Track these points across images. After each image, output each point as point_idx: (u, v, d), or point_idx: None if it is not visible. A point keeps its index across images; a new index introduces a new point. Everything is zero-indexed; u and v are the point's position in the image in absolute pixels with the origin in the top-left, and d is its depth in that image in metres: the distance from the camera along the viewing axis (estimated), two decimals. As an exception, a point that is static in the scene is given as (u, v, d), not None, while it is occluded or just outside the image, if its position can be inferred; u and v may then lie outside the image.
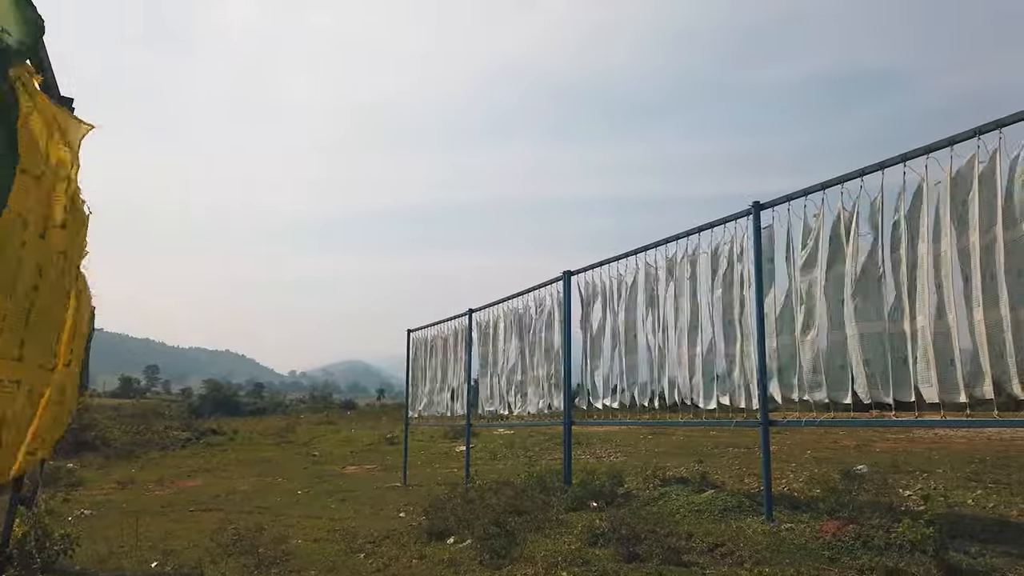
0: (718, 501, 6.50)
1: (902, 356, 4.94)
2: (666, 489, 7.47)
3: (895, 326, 5.02)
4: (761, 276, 6.18)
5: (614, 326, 8.23)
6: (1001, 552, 4.49)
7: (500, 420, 11.43)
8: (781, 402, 6.14)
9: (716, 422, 7.58)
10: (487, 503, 6.97)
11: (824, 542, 4.94)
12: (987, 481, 7.61)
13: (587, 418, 9.23)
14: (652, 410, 7.64)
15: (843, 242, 5.51)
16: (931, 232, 4.81)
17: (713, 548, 5.18)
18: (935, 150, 4.79)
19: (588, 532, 5.69)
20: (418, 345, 13.95)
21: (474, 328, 11.58)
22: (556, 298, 9.34)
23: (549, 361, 9.42)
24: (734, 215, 6.56)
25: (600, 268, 8.51)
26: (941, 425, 4.93)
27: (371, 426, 28.31)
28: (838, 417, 5.73)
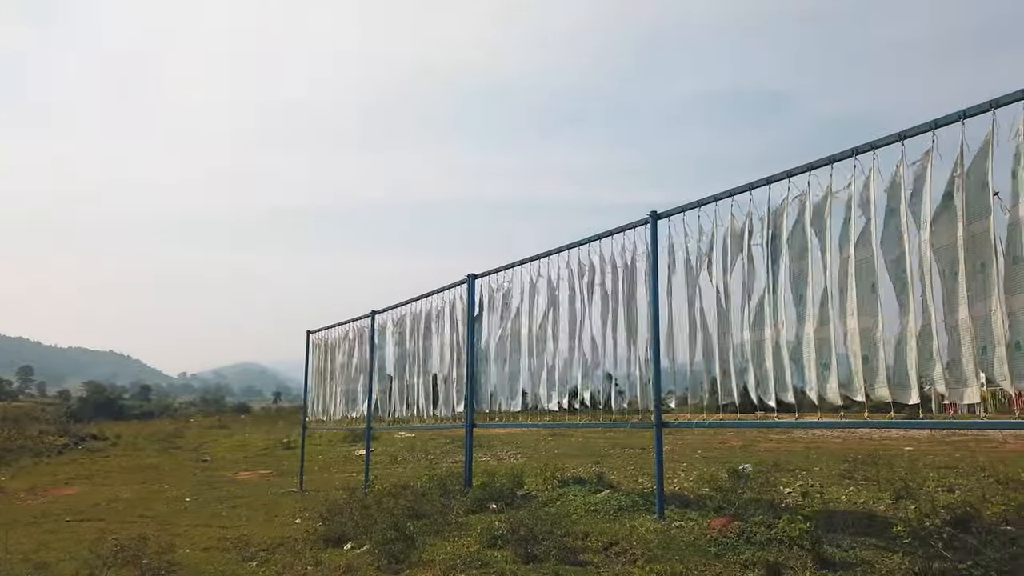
0: (613, 501, 6.70)
1: (793, 360, 5.23)
2: (564, 490, 7.62)
3: (787, 333, 5.31)
4: (657, 283, 6.41)
5: (516, 329, 8.33)
6: (870, 545, 4.82)
7: (402, 423, 11.33)
8: (675, 404, 6.39)
9: (613, 424, 7.80)
10: (386, 508, 6.91)
11: (711, 538, 5.18)
12: (858, 478, 8.15)
13: (489, 421, 9.29)
14: (552, 412, 7.78)
15: (736, 252, 5.80)
16: (813, 245, 5.14)
17: (608, 547, 5.33)
18: (817, 167, 5.12)
19: (487, 534, 5.74)
20: (318, 347, 13.66)
21: (377, 330, 11.44)
22: (461, 301, 9.36)
23: (452, 363, 9.43)
24: (633, 223, 6.77)
25: (505, 271, 8.59)
26: (818, 426, 5.29)
27: (266, 430, 27.47)
28: (726, 418, 6.03)
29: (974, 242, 4.11)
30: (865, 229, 4.77)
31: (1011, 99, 3.95)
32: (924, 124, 4.40)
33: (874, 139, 4.72)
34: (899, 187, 4.59)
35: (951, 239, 4.22)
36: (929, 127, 4.37)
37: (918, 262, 4.41)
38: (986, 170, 4.08)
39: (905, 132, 4.51)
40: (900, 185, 4.58)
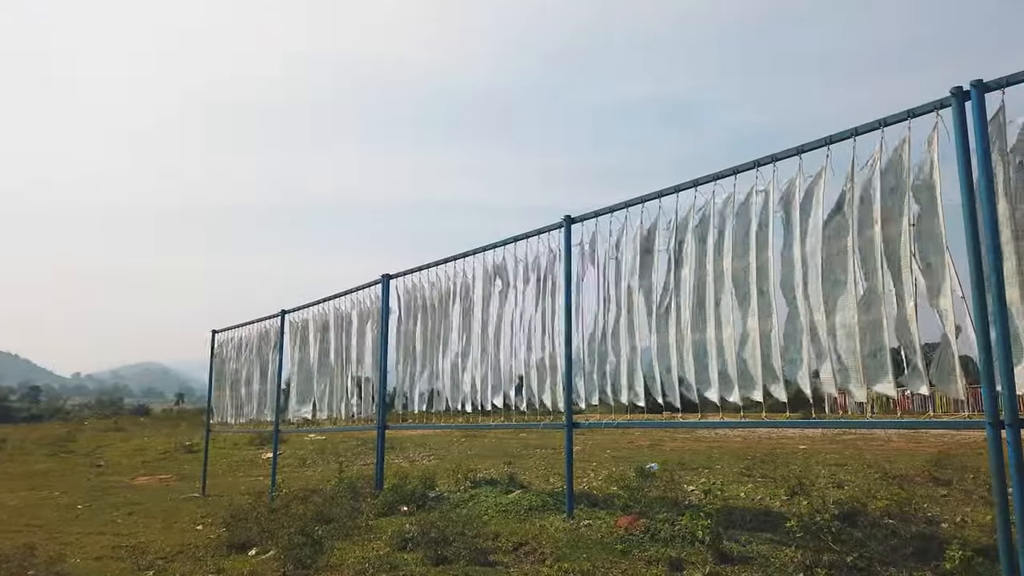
0: (524, 501, 6.77)
1: (697, 362, 5.42)
2: (476, 491, 7.65)
3: (690, 335, 5.50)
4: (570, 285, 6.53)
5: (431, 330, 8.30)
6: (766, 539, 5.06)
7: (311, 425, 11.10)
8: (585, 405, 6.51)
9: (525, 424, 7.88)
10: (293, 512, 6.76)
11: (618, 536, 5.31)
12: (757, 476, 8.53)
13: (402, 422, 9.22)
14: (466, 413, 7.80)
15: (645, 257, 5.97)
16: (713, 252, 5.36)
17: (518, 547, 5.39)
18: (722, 177, 5.33)
19: (398, 537, 5.70)
20: (224, 347, 13.21)
21: (287, 330, 11.17)
22: (374, 301, 9.26)
23: (364, 364, 9.31)
24: (548, 227, 6.88)
25: (420, 272, 8.55)
26: (720, 426, 5.52)
27: (167, 433, 26.35)
28: (634, 419, 6.20)
29: (861, 252, 4.37)
30: (762, 236, 5.01)
31: (896, 119, 4.23)
32: (819, 140, 4.65)
33: (775, 152, 4.96)
34: (794, 197, 4.83)
35: (842, 247, 4.49)
36: (824, 143, 4.62)
37: (810, 268, 4.66)
38: (875, 184, 4.35)
39: (803, 147, 4.76)
40: (795, 196, 4.83)
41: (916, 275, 4.09)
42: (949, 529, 5.23)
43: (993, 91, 3.81)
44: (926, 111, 4.10)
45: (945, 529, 5.22)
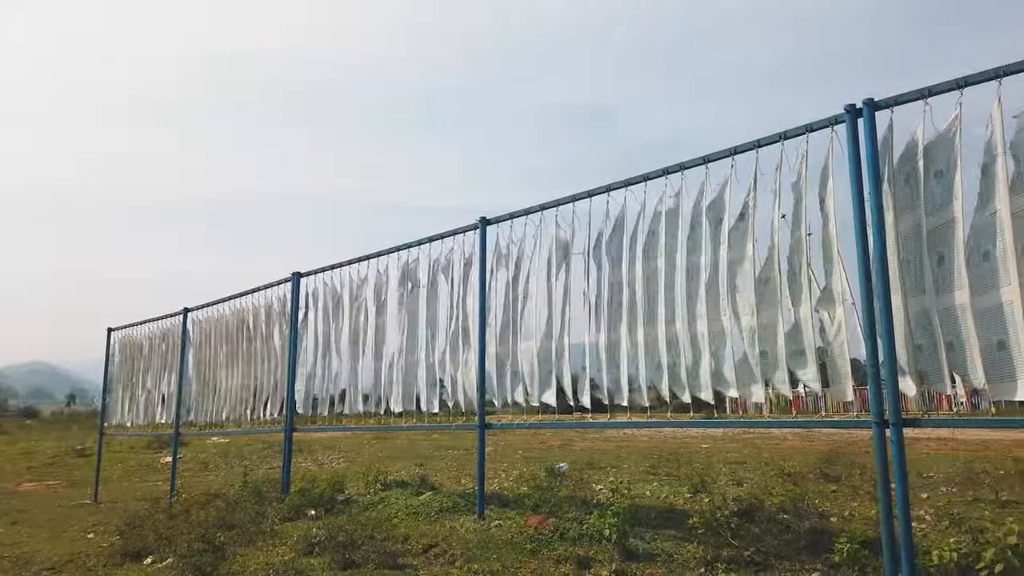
0: (435, 502, 6.74)
1: (609, 363, 5.53)
2: (387, 493, 7.56)
3: (604, 337, 5.60)
4: (485, 287, 6.54)
5: (342, 330, 8.15)
6: (670, 536, 5.21)
7: (214, 428, 10.70)
8: (499, 406, 6.55)
9: (438, 426, 7.84)
10: (193, 518, 6.50)
11: (528, 536, 5.35)
12: (662, 474, 8.78)
13: (310, 424, 9.01)
14: (378, 415, 7.70)
15: (561, 260, 6.05)
16: (626, 256, 5.49)
17: (428, 548, 5.36)
18: (633, 184, 5.47)
19: (304, 542, 5.57)
20: (122, 346, 12.58)
21: (190, 329, 10.73)
22: (284, 299, 9.02)
23: (273, 365, 9.05)
24: (463, 228, 6.87)
25: (332, 271, 8.38)
26: (628, 426, 5.66)
27: (58, 437, 24.87)
28: (546, 419, 6.27)
29: (763, 259, 4.57)
30: (670, 242, 5.17)
31: (795, 133, 4.45)
32: (724, 150, 4.83)
33: (683, 160, 5.12)
34: (702, 205, 5.01)
35: (742, 254, 4.68)
36: (728, 153, 4.81)
37: (715, 274, 4.84)
38: (774, 195, 4.56)
39: (709, 156, 4.93)
40: (703, 204, 5.01)
41: (811, 282, 4.32)
42: (838, 523, 5.52)
43: (883, 109, 4.06)
44: (822, 126, 4.32)
45: (834, 523, 5.51)
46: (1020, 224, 3.51)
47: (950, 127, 3.84)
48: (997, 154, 3.61)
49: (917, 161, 3.93)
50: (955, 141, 3.80)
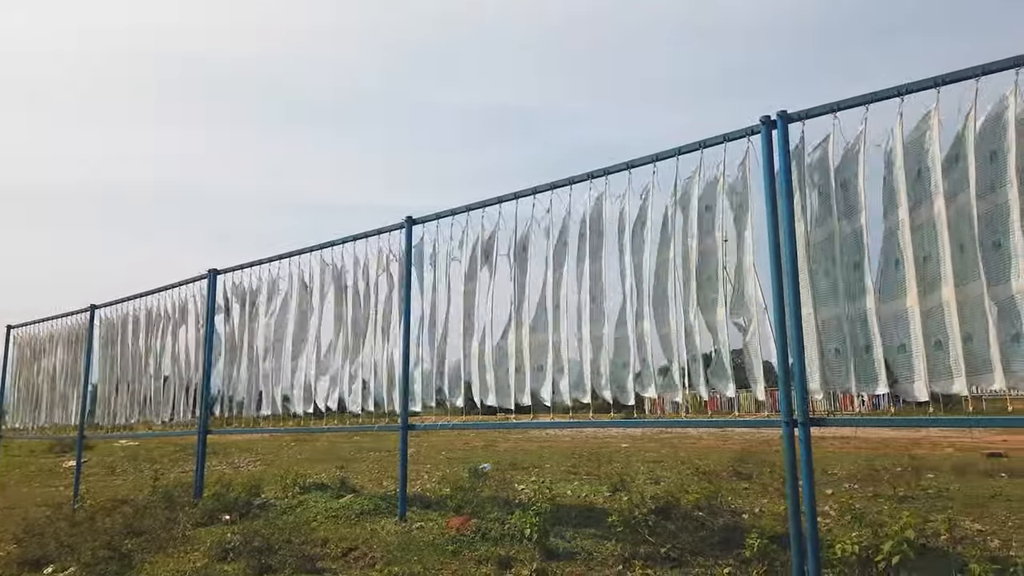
0: (356, 505, 6.65)
1: (533, 365, 5.57)
2: (305, 496, 7.41)
3: (528, 339, 5.64)
4: (410, 286, 6.49)
5: (262, 329, 7.94)
6: (590, 534, 5.30)
7: (123, 430, 10.24)
8: (422, 407, 6.50)
9: (360, 427, 7.73)
10: (98, 525, 6.21)
11: (450, 537, 5.34)
12: (583, 474, 8.92)
13: (226, 426, 8.74)
14: (297, 416, 7.54)
15: (484, 261, 6.06)
16: (552, 259, 5.55)
17: (347, 552, 5.28)
18: (559, 187, 5.53)
19: (218, 547, 5.39)
20: (22, 345, 11.90)
21: (97, 326, 10.24)
22: (200, 297, 8.72)
23: (187, 365, 8.73)
24: (389, 227, 6.81)
25: (252, 268, 8.16)
26: (551, 426, 5.72)
27: (-53, 441, 23.25)
28: (469, 420, 6.28)
29: (683, 264, 4.70)
30: (596, 246, 5.26)
31: (714, 142, 4.59)
32: (647, 156, 4.94)
33: (607, 166, 5.21)
34: (626, 210, 5.11)
35: (665, 258, 4.80)
36: (651, 159, 4.93)
37: (640, 279, 4.95)
38: (693, 202, 4.70)
39: (632, 162, 5.04)
40: (627, 208, 5.11)
41: (726, 287, 4.47)
42: (749, 519, 5.73)
43: (795, 122, 4.24)
44: (739, 136, 4.47)
45: (746, 519, 5.72)
46: (920, 234, 3.73)
47: (856, 141, 4.04)
48: (897, 167, 3.84)
49: (827, 172, 4.13)
50: (861, 154, 4.01)
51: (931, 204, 3.70)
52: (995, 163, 3.50)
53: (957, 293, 3.55)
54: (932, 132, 3.74)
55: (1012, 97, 3.47)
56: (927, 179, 3.73)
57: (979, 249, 3.47)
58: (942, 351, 3.60)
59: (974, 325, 3.49)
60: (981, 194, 3.51)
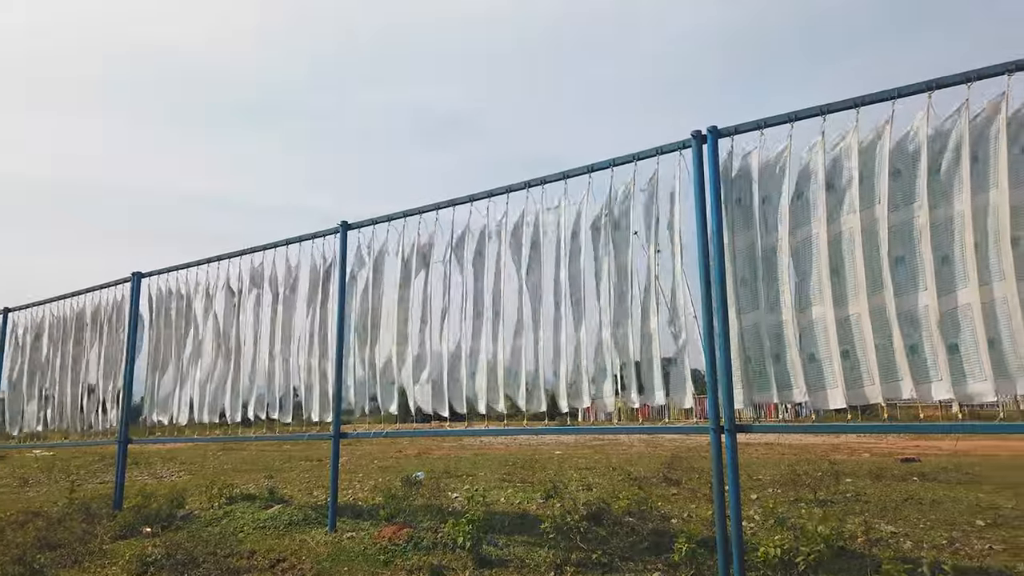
0: (285, 516, 6.50)
1: (470, 372, 5.56)
2: (232, 507, 7.20)
3: (465, 346, 5.63)
4: (344, 292, 6.41)
5: (188, 335, 7.70)
6: (522, 541, 5.32)
7: (37, 440, 9.76)
8: (356, 415, 6.42)
9: (290, 436, 7.58)
10: (8, 539, 5.91)
11: (381, 547, 5.28)
12: (516, 481, 8.94)
13: (149, 435, 8.43)
14: (224, 425, 7.33)
15: (420, 267, 6.03)
16: (488, 266, 5.57)
17: (275, 564, 5.16)
18: (496, 195, 5.56)
19: (138, 561, 5.19)
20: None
21: (9, 331, 9.74)
22: (121, 301, 8.40)
23: (108, 371, 8.39)
24: (323, 231, 6.71)
25: (178, 272, 7.91)
26: (485, 434, 5.73)
27: None
28: (403, 428, 6.23)
29: (617, 273, 4.79)
30: (535, 255, 5.31)
31: (647, 154, 4.70)
32: (582, 168, 5.02)
33: (544, 175, 5.27)
34: (561, 220, 5.18)
35: (600, 268, 4.88)
36: (586, 170, 5.01)
37: (573, 288, 5.02)
38: (627, 212, 4.80)
39: (568, 172, 5.10)
40: (562, 218, 5.18)
41: (658, 296, 4.57)
42: (678, 524, 5.85)
43: (725, 137, 4.38)
44: (671, 149, 4.59)
45: (675, 524, 5.84)
46: (833, 247, 3.91)
47: (779, 156, 4.21)
48: (815, 182, 4.02)
49: (752, 186, 4.28)
50: (784, 169, 4.17)
51: (843, 219, 3.89)
52: (899, 180, 3.74)
53: (868, 304, 3.74)
54: (851, 150, 3.93)
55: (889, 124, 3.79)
56: (842, 195, 3.92)
57: (886, 263, 3.68)
58: (851, 360, 3.79)
59: (882, 336, 3.69)
60: (892, 209, 3.73)
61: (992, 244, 3.42)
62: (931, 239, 3.58)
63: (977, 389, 3.41)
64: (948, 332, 3.50)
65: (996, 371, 3.35)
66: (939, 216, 3.60)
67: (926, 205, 3.61)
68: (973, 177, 3.51)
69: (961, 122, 3.58)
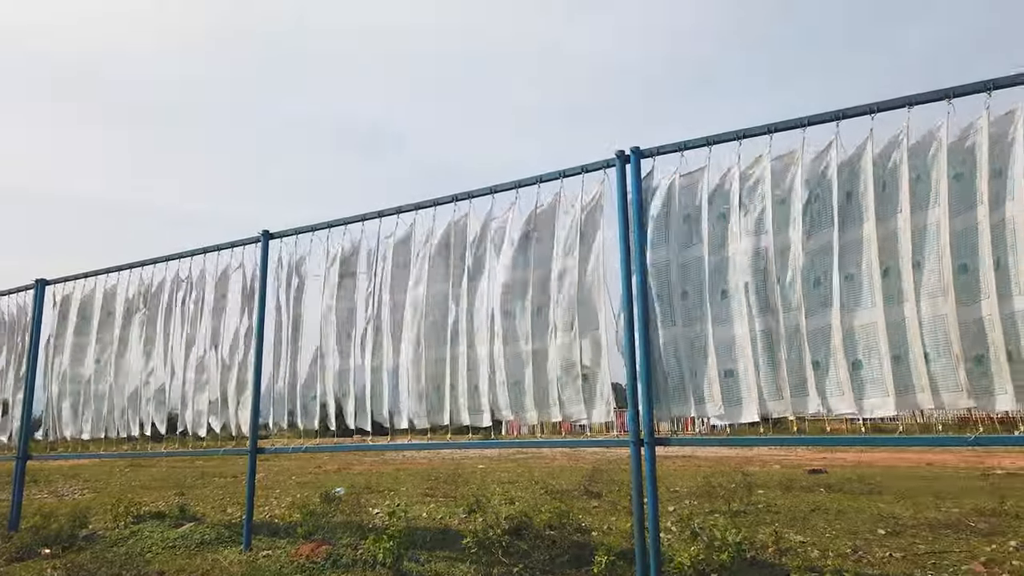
0: (196, 534, 6.27)
1: (392, 386, 5.50)
2: (139, 526, 6.89)
3: (387, 360, 5.56)
4: (264, 302, 6.25)
5: (95, 346, 7.35)
6: (444, 557, 5.28)
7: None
8: (275, 429, 6.25)
9: (205, 451, 7.32)
10: None
11: (298, 565, 5.15)
12: (439, 496, 8.88)
13: (50, 451, 7.98)
14: (133, 440, 7.02)
15: (342, 278, 5.95)
16: (413, 280, 5.55)
17: (185, 585, 4.97)
18: (423, 207, 5.55)
19: (35, 585, 4.91)
20: None
21: None
22: (21, 309, 7.95)
23: (6, 383, 7.91)
24: (242, 240, 6.54)
25: (86, 279, 7.55)
26: (408, 448, 5.68)
27: None
28: (324, 443, 6.11)
29: (541, 287, 4.85)
30: (460, 267, 5.31)
31: (573, 172, 4.79)
32: (509, 183, 5.07)
33: (471, 189, 5.30)
34: (487, 232, 5.21)
35: (524, 281, 4.93)
36: (513, 186, 5.06)
37: (495, 301, 5.04)
38: (552, 227, 4.88)
39: (496, 187, 5.15)
40: (489, 231, 5.21)
41: (581, 310, 4.65)
42: (598, 537, 5.93)
43: (647, 157, 4.52)
44: (596, 168, 4.70)
45: (595, 537, 5.92)
46: (752, 266, 4.08)
47: (699, 177, 4.37)
48: (732, 203, 4.19)
49: (673, 205, 4.42)
50: (703, 190, 4.33)
51: (761, 239, 4.07)
52: (785, 206, 3.94)
53: (782, 321, 3.92)
54: (765, 173, 4.12)
55: (800, 150, 3.94)
56: (759, 217, 4.10)
57: (798, 282, 3.89)
58: (764, 375, 3.95)
59: (790, 353, 3.88)
60: (807, 232, 3.94)
61: (900, 267, 3.64)
62: (839, 260, 3.79)
63: (878, 404, 3.61)
64: (851, 349, 3.71)
65: (897, 387, 3.56)
66: (849, 238, 3.81)
67: (837, 228, 3.82)
68: (878, 203, 3.74)
69: (867, 152, 3.82)
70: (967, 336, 3.38)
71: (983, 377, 3.35)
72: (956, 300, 3.41)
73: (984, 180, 3.43)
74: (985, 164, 3.44)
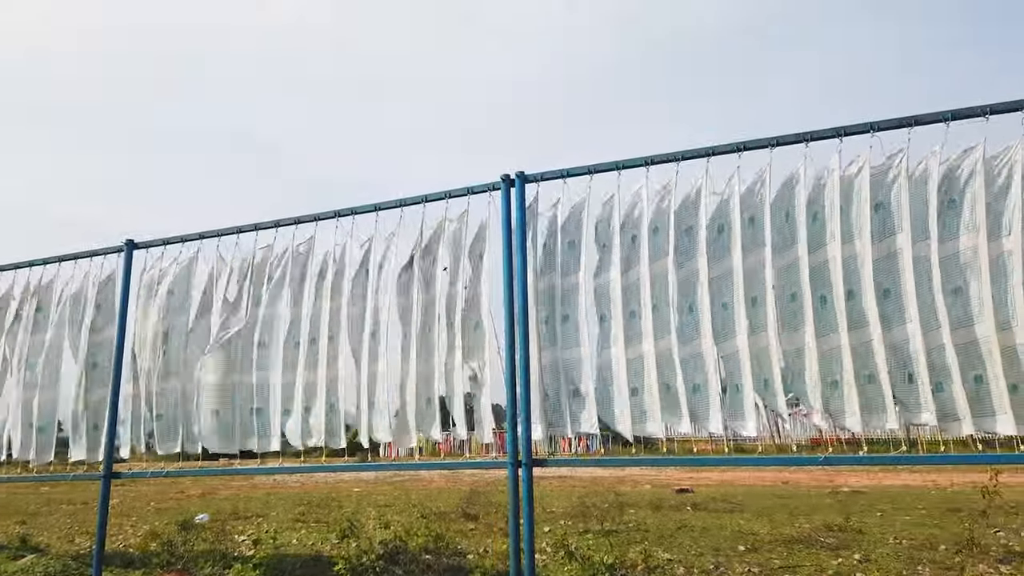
0: (38, 567, 5.75)
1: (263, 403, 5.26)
2: (-31, 561, 6.24)
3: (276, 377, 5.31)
4: (125, 315, 5.85)
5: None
6: (313, 583, 5.10)
7: None
8: (129, 454, 5.83)
9: (51, 476, 6.74)
10: None
11: (154, 598, 4.83)
12: (311, 521, 8.57)
13: None
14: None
15: (212, 294, 5.66)
16: (288, 297, 5.36)
17: (22, 624, 4.53)
18: (304, 222, 5.39)
19: None
20: None
21: None
22: None
23: None
24: (104, 249, 6.14)
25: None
26: (279, 472, 5.43)
27: None
28: (187, 467, 5.76)
29: (424, 308, 4.82)
30: (339, 286, 5.18)
31: (459, 193, 4.82)
32: (392, 201, 5.03)
33: (355, 206, 5.20)
34: (368, 253, 5.13)
35: (407, 302, 4.89)
36: (396, 204, 5.01)
37: (379, 319, 4.97)
38: (438, 248, 4.87)
39: (380, 205, 5.08)
40: (370, 251, 5.13)
41: (463, 332, 4.66)
42: (474, 559, 5.90)
43: (532, 183, 4.61)
44: (482, 190, 4.75)
45: (471, 560, 5.88)
46: (627, 293, 4.24)
47: (581, 204, 4.51)
48: (613, 231, 4.36)
49: (556, 230, 4.54)
50: (586, 217, 4.47)
51: (640, 267, 4.24)
52: (690, 236, 4.16)
53: (655, 346, 4.10)
54: (642, 203, 4.32)
55: (673, 183, 4.17)
56: (638, 245, 4.28)
57: (672, 309, 4.10)
58: (638, 397, 4.12)
59: (666, 375, 4.06)
60: (679, 262, 4.15)
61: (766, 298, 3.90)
62: (708, 290, 4.02)
63: (742, 424, 3.84)
64: (726, 373, 3.94)
65: (764, 408, 3.82)
66: (719, 270, 4.06)
67: (706, 260, 4.06)
68: (744, 238, 4.00)
69: (735, 190, 4.08)
70: (824, 362, 3.66)
71: (838, 400, 3.64)
72: (815, 331, 3.70)
73: (836, 222, 3.75)
74: (837, 207, 3.76)
